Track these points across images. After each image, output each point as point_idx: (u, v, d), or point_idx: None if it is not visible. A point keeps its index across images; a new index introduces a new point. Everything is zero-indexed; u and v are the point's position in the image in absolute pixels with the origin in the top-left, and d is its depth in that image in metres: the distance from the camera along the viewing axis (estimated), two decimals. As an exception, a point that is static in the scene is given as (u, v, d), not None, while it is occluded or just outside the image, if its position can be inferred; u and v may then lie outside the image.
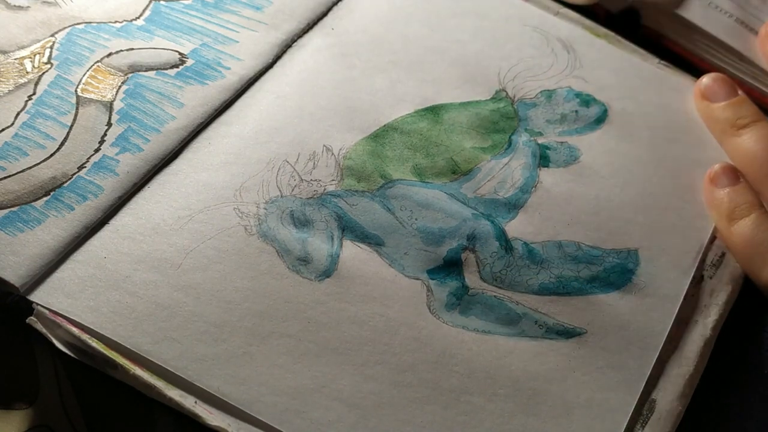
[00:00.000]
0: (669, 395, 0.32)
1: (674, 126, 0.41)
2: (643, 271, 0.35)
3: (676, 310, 0.34)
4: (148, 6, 0.40)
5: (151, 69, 0.37)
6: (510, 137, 0.39)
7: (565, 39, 0.43)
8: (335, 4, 0.42)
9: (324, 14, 0.42)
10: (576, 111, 0.40)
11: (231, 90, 0.38)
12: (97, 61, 0.37)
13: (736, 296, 0.36)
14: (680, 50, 0.45)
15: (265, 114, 0.37)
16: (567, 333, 0.33)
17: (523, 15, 0.44)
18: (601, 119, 0.40)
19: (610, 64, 0.42)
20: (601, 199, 0.37)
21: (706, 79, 0.41)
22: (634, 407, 0.31)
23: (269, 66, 0.39)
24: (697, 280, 0.36)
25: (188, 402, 0.29)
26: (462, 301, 0.33)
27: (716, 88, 0.40)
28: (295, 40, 0.40)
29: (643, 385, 0.32)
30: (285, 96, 0.38)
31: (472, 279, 0.34)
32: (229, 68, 0.38)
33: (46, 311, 0.30)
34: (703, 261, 0.36)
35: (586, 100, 0.41)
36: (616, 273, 0.35)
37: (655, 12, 0.45)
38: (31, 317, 0.30)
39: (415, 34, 0.42)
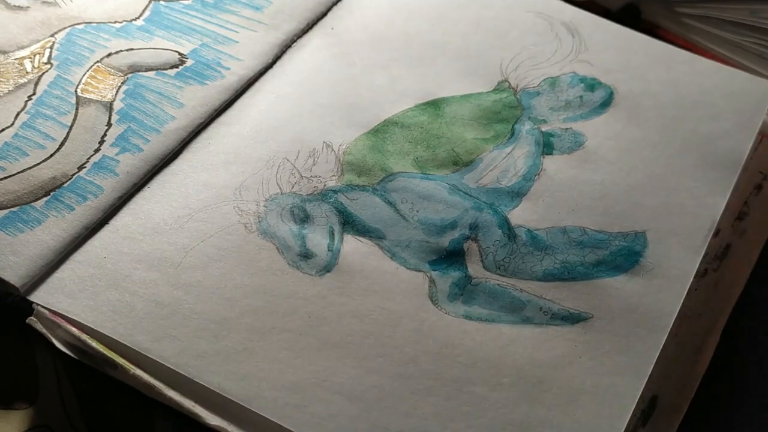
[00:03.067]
0: (672, 391, 0.31)
1: (683, 102, 0.39)
2: (651, 253, 0.34)
3: (686, 290, 0.33)
4: (147, 6, 0.40)
5: (151, 69, 0.38)
6: (513, 126, 0.38)
7: (570, 22, 0.42)
8: (335, 4, 0.42)
9: (324, 14, 0.42)
10: (581, 96, 0.39)
11: (231, 90, 0.38)
12: (97, 62, 0.37)
13: (741, 290, 0.34)
14: (683, 43, 0.44)
15: (264, 114, 0.37)
16: (572, 318, 0.32)
17: (526, 1, 0.43)
18: (606, 103, 0.39)
19: (617, 45, 0.41)
20: (607, 183, 0.36)
21: None
22: (640, 394, 0.30)
23: (269, 66, 0.39)
24: (702, 274, 0.35)
25: (188, 401, 0.29)
26: (465, 290, 0.32)
27: None
28: (295, 40, 0.40)
29: (651, 368, 0.31)
30: (285, 96, 0.38)
31: (474, 268, 0.33)
32: (228, 68, 0.38)
33: (46, 311, 0.30)
34: (717, 234, 0.35)
35: (591, 85, 0.40)
36: (623, 256, 0.34)
37: (656, 7, 0.44)
38: (31, 317, 0.30)
39: (416, 30, 0.42)
